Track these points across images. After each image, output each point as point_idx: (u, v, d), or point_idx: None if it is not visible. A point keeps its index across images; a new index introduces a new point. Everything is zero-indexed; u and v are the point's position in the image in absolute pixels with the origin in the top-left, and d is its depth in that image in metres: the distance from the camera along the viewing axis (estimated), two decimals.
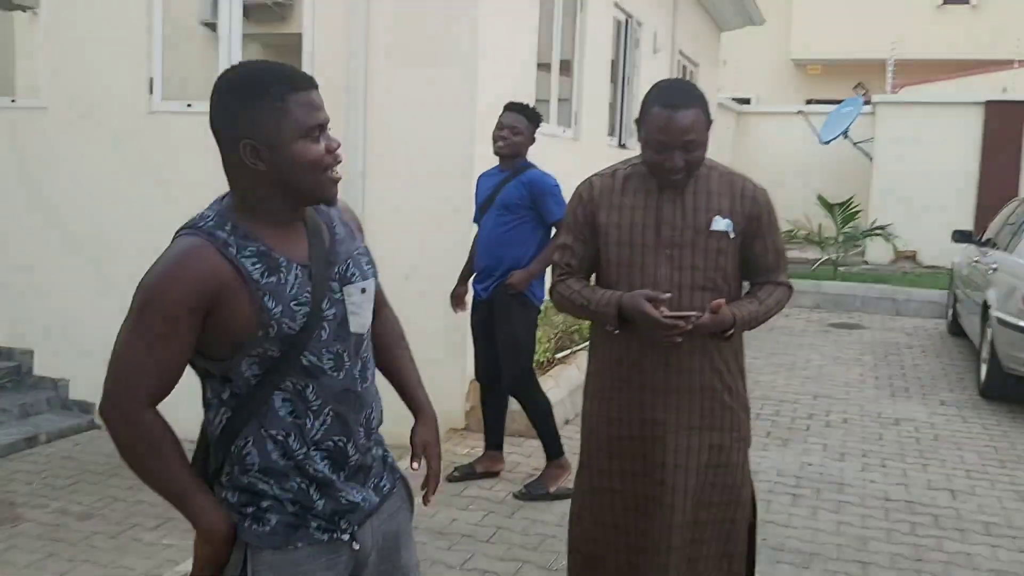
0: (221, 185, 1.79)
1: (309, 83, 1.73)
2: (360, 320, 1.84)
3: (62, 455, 5.75)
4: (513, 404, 5.56)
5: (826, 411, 6.53)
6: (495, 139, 4.62)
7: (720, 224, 2.59)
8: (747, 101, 18.12)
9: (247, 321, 1.68)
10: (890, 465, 5.38)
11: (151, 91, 5.96)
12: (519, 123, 4.58)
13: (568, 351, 6.40)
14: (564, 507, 4.46)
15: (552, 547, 4.08)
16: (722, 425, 2.69)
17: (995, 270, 7.21)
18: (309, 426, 1.76)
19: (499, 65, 5.75)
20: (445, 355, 5.50)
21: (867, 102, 15.10)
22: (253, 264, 1.70)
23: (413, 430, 2.04)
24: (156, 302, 1.66)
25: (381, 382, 1.99)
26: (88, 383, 6.27)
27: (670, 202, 2.60)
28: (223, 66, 5.81)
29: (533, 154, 4.73)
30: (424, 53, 5.43)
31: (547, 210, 4.51)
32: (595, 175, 2.76)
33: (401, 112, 5.33)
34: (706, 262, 2.59)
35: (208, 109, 1.74)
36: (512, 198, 4.53)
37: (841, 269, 12.28)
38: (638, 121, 2.60)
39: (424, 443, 2.02)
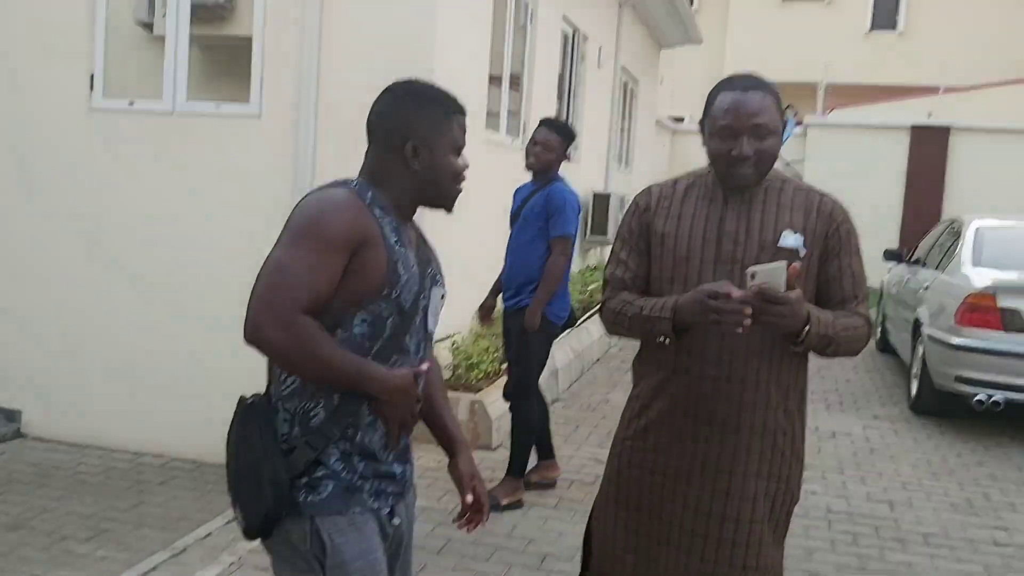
0: (160, 183, 1.82)
1: (464, 110, 2.03)
2: (434, 321, 2.06)
3: None
4: (459, 412, 5.53)
5: None
6: (527, 154, 4.68)
7: (789, 240, 2.27)
8: (681, 120, 18.43)
9: (379, 275, 1.86)
10: (830, 477, 5.49)
11: (91, 88, 5.76)
12: (551, 139, 4.62)
13: None
14: (514, 518, 4.48)
15: (504, 558, 4.04)
16: (770, 472, 2.33)
17: (927, 289, 7.44)
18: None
19: (453, 79, 5.73)
20: None
21: (799, 123, 15.50)
22: (390, 231, 1.91)
23: (452, 464, 2.11)
24: (318, 228, 1.83)
25: None
26: (13, 390, 6.02)
27: (734, 213, 2.31)
28: (169, 68, 5.69)
29: (483, 160, 4.73)
30: (380, 66, 5.35)
31: (552, 223, 4.52)
32: (655, 184, 2.52)
33: (357, 119, 5.24)
34: None
35: (373, 106, 2.01)
36: (533, 210, 4.58)
37: None
38: (702, 122, 2.36)
39: (470, 475, 2.11)
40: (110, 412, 5.81)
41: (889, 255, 9.28)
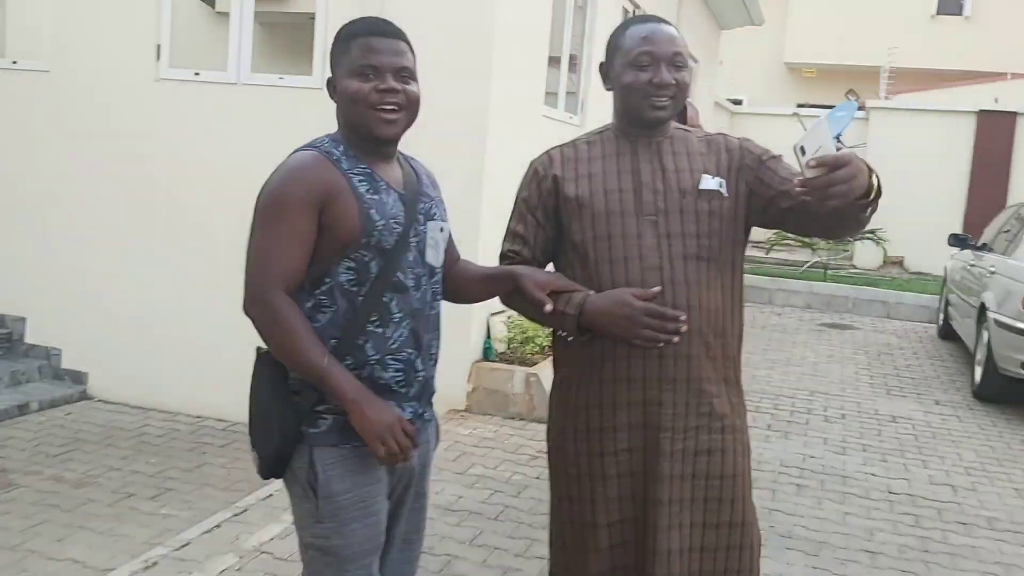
0: (226, 151, 1.91)
1: (381, 31, 1.96)
2: (436, 254, 2.07)
3: (54, 424, 5.65)
4: (514, 385, 5.55)
5: (824, 406, 6.54)
6: None
7: (710, 182, 2.19)
8: (739, 102, 18.19)
9: (353, 226, 1.89)
10: (891, 460, 5.40)
11: (158, 57, 5.86)
12: None
13: None
14: None
15: None
16: (723, 425, 2.21)
17: (993, 273, 7.26)
18: (388, 335, 1.96)
19: (512, 60, 5.73)
20: (446, 333, 5.45)
21: (860, 107, 15.18)
22: (360, 181, 1.95)
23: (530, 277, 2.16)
24: (279, 201, 1.89)
25: None
26: (81, 353, 6.17)
27: (648, 164, 2.21)
28: (233, 46, 5.76)
29: (541, 137, 4.70)
30: (440, 45, 5.35)
31: None
32: (552, 148, 2.33)
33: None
34: (698, 227, 2.17)
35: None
36: None
37: (829, 272, 12.33)
38: (604, 64, 2.26)
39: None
40: (173, 377, 5.93)
41: (954, 240, 9.05)
